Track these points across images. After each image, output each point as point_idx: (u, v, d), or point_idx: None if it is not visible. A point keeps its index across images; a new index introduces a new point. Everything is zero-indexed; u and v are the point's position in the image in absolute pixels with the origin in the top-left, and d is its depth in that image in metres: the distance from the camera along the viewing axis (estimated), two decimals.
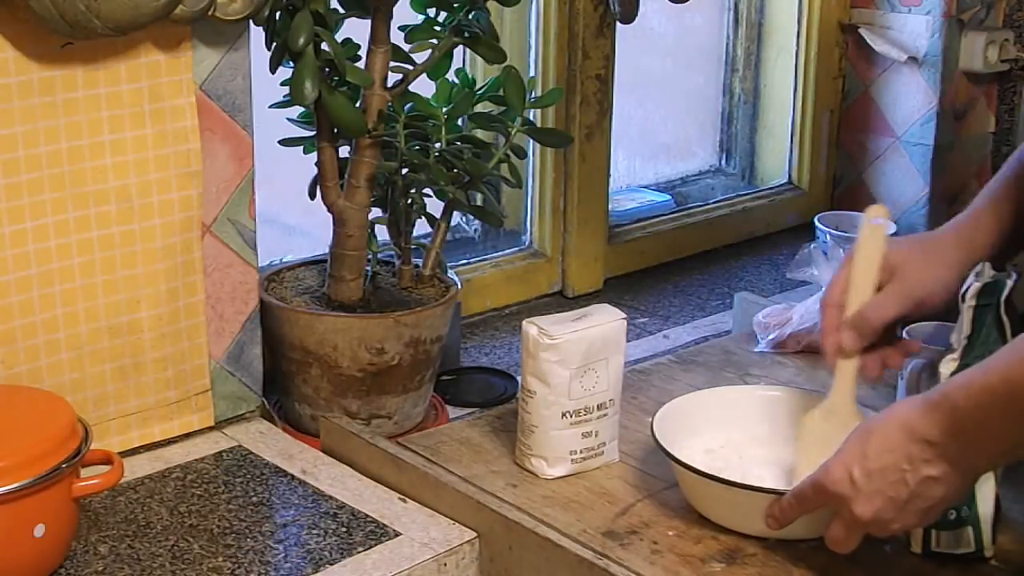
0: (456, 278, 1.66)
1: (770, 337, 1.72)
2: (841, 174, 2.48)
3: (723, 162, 2.50)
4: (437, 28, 1.55)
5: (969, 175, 2.41)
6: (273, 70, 1.50)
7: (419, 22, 1.56)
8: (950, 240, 1.37)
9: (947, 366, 1.27)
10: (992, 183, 1.41)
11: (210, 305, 1.51)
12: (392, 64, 1.54)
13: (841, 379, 1.33)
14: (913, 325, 1.58)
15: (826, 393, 1.34)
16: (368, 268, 1.61)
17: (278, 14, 1.47)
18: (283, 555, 1.30)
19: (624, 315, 1.43)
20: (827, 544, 1.20)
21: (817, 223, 2.20)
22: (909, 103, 2.35)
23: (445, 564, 1.31)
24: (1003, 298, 1.27)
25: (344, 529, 1.34)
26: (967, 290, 1.28)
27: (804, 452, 1.32)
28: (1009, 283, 1.27)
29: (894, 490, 1.14)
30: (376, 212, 1.61)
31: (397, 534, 1.33)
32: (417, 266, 1.64)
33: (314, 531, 1.34)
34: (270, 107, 1.56)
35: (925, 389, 1.38)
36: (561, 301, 2.08)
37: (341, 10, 1.53)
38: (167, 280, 1.46)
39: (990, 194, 1.40)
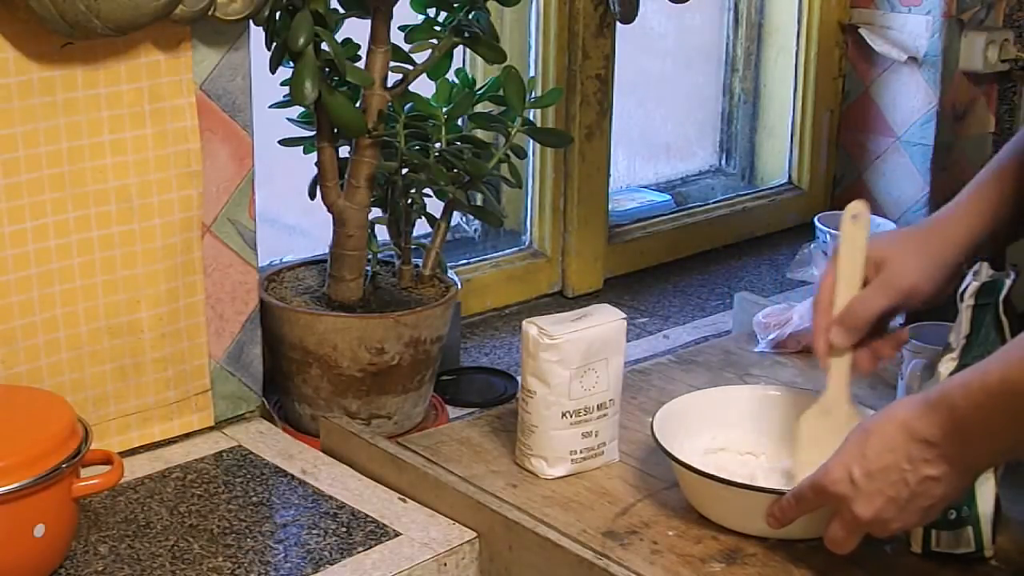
0: (456, 278, 1.66)
1: (770, 337, 1.72)
2: (841, 174, 2.48)
3: (723, 162, 2.50)
4: (437, 28, 1.55)
5: (969, 175, 2.40)
6: (273, 70, 1.50)
7: (419, 22, 1.56)
8: (933, 233, 1.37)
9: (946, 366, 1.27)
10: (981, 174, 1.41)
11: (210, 305, 1.51)
12: (392, 64, 1.54)
13: (835, 377, 1.34)
14: (913, 325, 1.58)
15: (823, 392, 1.35)
16: (368, 268, 1.61)
17: (278, 14, 1.47)
18: (283, 555, 1.30)
19: (624, 315, 1.43)
20: (827, 544, 1.21)
21: (817, 223, 2.19)
22: (909, 103, 2.35)
23: (445, 564, 1.31)
24: (1002, 298, 1.27)
25: (344, 529, 1.34)
26: (965, 289, 1.28)
27: (802, 452, 1.32)
28: (1008, 282, 1.27)
29: (894, 490, 1.14)
30: (376, 212, 1.61)
31: (397, 534, 1.33)
32: (417, 266, 1.64)
33: (314, 531, 1.34)
34: (270, 107, 1.56)
35: (925, 389, 1.39)
36: (561, 301, 2.08)
37: (341, 10, 1.53)
38: (167, 280, 1.46)
39: (975, 185, 1.40)
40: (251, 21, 1.44)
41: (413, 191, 1.60)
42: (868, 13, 2.37)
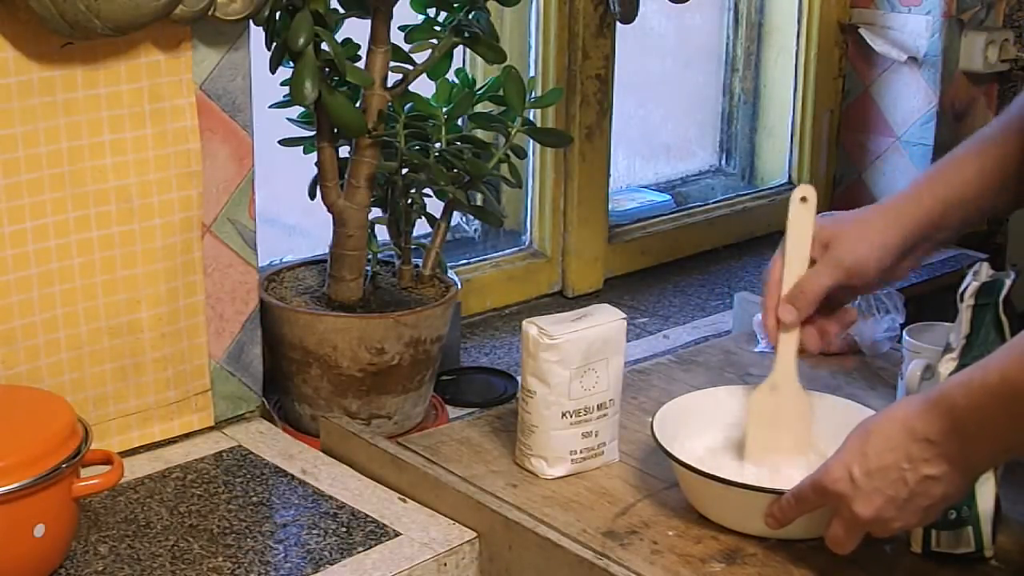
0: (456, 278, 1.66)
1: None
2: (841, 174, 2.48)
3: (723, 162, 2.50)
4: (437, 28, 1.55)
5: None
6: (273, 70, 1.50)
7: (419, 22, 1.56)
8: (882, 215, 1.38)
9: (946, 366, 1.27)
10: (940, 161, 1.42)
11: (210, 305, 1.51)
12: (392, 64, 1.54)
13: (783, 355, 1.36)
14: (913, 325, 1.58)
15: (772, 370, 1.37)
16: (368, 268, 1.61)
17: (278, 14, 1.47)
18: (283, 555, 1.30)
19: (624, 315, 1.43)
20: (828, 544, 1.21)
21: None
22: (909, 103, 2.35)
23: (445, 564, 1.31)
24: (1001, 298, 1.27)
25: (344, 529, 1.34)
26: (965, 289, 1.28)
27: (752, 429, 1.36)
28: (1008, 282, 1.27)
29: (894, 489, 1.14)
30: (376, 212, 1.61)
31: (397, 534, 1.33)
32: (417, 266, 1.64)
33: (314, 531, 1.34)
34: (270, 107, 1.56)
35: (924, 389, 1.39)
36: (561, 301, 2.08)
37: (341, 10, 1.53)
38: (167, 280, 1.46)
39: (932, 171, 1.41)
40: (251, 21, 1.44)
41: (413, 191, 1.60)
42: (868, 13, 2.37)
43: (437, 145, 1.59)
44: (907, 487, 1.13)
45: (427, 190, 1.61)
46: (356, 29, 1.53)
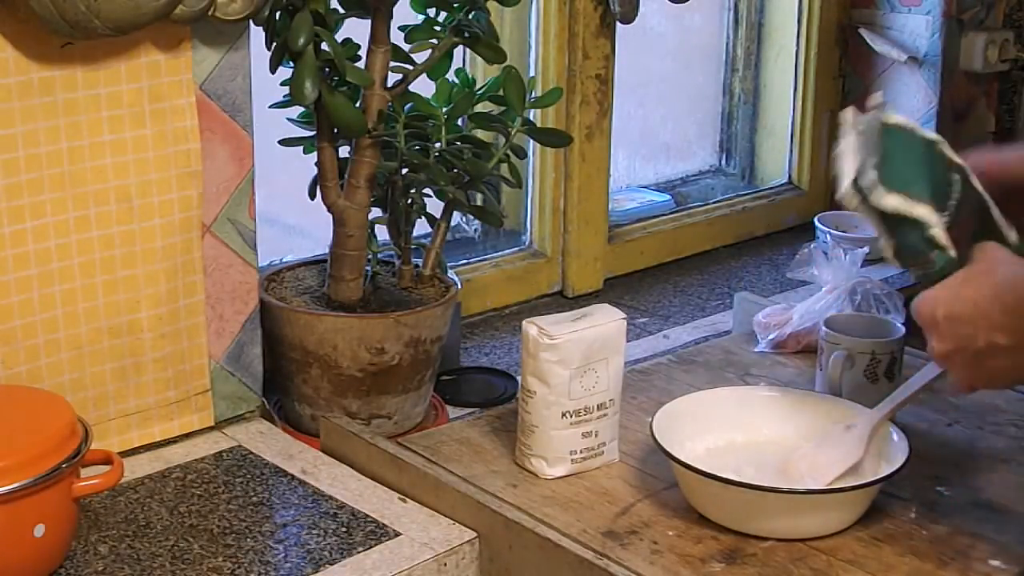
0: (456, 278, 1.66)
1: (770, 337, 1.72)
2: None
3: (723, 162, 2.50)
4: (437, 28, 1.55)
5: None
6: (273, 70, 1.50)
7: (419, 22, 1.56)
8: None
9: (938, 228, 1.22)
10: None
11: (210, 305, 1.51)
12: (392, 64, 1.54)
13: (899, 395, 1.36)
14: (831, 316, 1.59)
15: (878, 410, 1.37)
16: (368, 268, 1.61)
17: (278, 14, 1.47)
18: (283, 555, 1.30)
19: (624, 315, 1.43)
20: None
21: (817, 223, 2.20)
22: (909, 103, 2.35)
23: (445, 564, 1.31)
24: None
25: (344, 529, 1.34)
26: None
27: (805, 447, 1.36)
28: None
29: (965, 341, 1.15)
30: (376, 212, 1.61)
31: (397, 534, 1.33)
32: (417, 266, 1.64)
33: (314, 531, 1.34)
34: (270, 107, 1.56)
35: (846, 381, 1.39)
36: (561, 301, 2.08)
37: (341, 10, 1.53)
38: (167, 280, 1.46)
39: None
40: (251, 21, 1.44)
41: (413, 191, 1.60)
42: (868, 13, 2.37)
43: (437, 145, 1.59)
44: (974, 345, 1.14)
45: (427, 190, 1.61)
46: (356, 29, 1.53)
